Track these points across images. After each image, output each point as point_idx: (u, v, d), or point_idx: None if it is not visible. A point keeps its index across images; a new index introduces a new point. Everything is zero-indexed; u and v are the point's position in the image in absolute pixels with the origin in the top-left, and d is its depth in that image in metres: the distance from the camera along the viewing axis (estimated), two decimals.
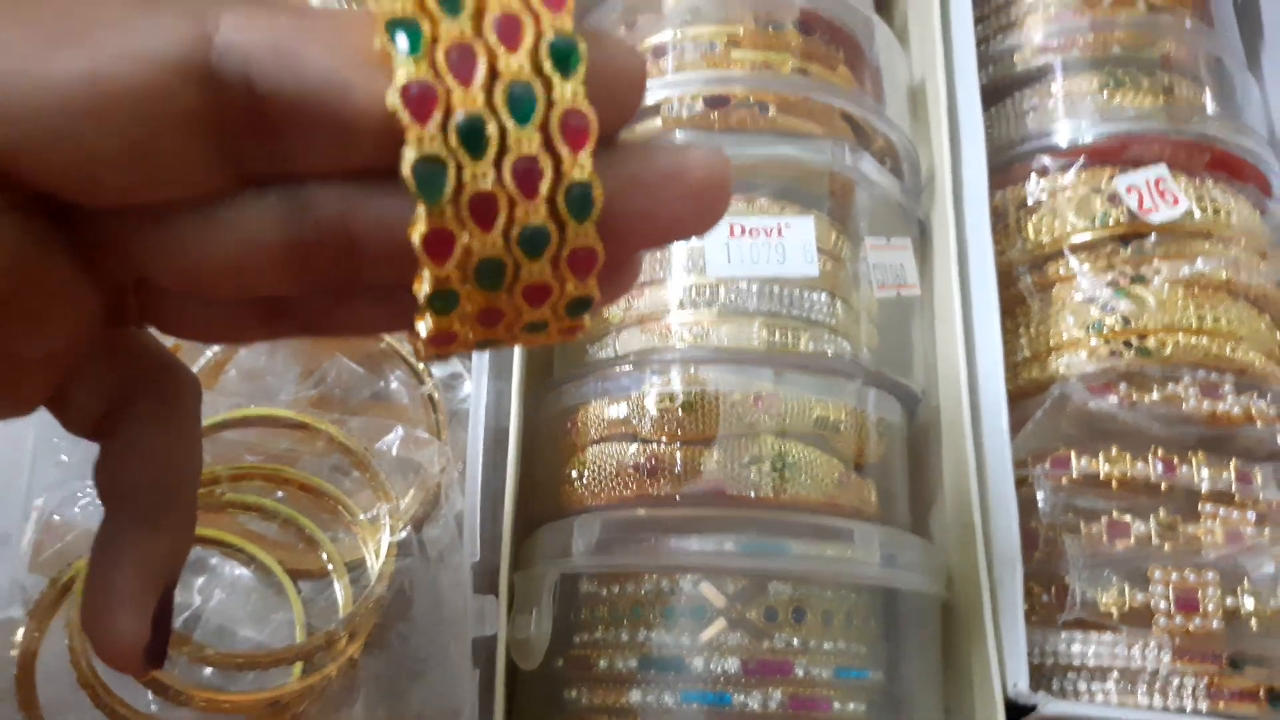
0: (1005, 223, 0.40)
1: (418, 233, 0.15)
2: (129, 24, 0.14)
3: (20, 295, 0.16)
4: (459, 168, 0.15)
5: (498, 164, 0.15)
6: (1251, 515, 0.35)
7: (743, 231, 0.34)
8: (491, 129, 0.15)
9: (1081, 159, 0.39)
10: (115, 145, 0.14)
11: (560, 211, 0.16)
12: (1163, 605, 0.33)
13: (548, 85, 0.16)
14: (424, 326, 0.17)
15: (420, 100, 0.15)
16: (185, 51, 0.14)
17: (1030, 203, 0.40)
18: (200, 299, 0.18)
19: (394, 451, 0.37)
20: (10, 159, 0.14)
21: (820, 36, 0.38)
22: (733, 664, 0.30)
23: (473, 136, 0.15)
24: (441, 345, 0.17)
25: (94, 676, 0.30)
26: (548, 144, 0.16)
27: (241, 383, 0.38)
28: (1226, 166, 0.40)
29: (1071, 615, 0.33)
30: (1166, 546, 0.34)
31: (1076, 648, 0.33)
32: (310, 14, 0.16)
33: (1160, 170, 0.38)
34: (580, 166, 0.16)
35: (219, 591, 0.36)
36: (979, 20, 0.45)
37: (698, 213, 0.17)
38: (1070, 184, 0.39)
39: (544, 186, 0.16)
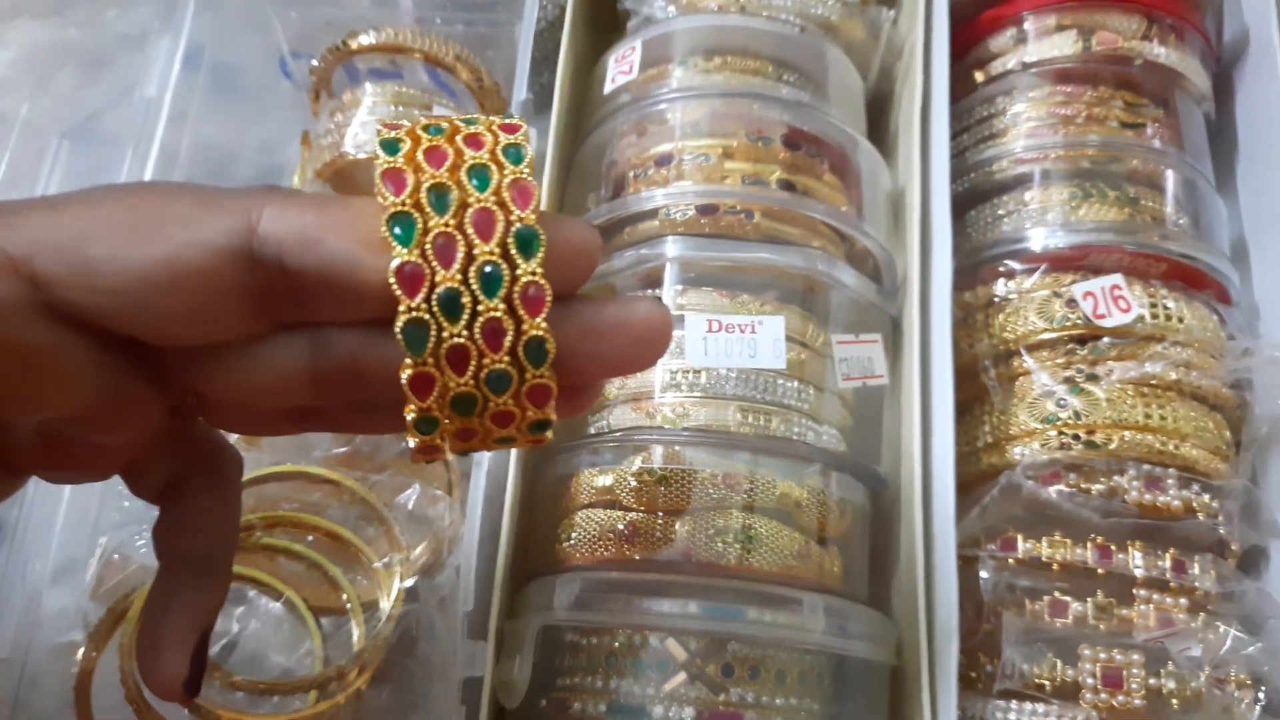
0: (974, 320, 0.44)
1: (405, 375, 0.20)
2: (193, 221, 0.20)
3: (107, 405, 0.21)
4: (439, 328, 0.20)
5: (469, 325, 0.20)
6: (1184, 602, 0.38)
7: (720, 327, 0.38)
8: (465, 300, 0.20)
9: (1045, 265, 0.43)
10: (181, 308, 0.20)
11: (520, 360, 0.21)
12: (1090, 681, 0.36)
13: (513, 265, 0.21)
14: (412, 441, 0.22)
15: (411, 279, 0.20)
16: (234, 241, 0.20)
17: (997, 302, 0.44)
18: (242, 407, 0.24)
19: (410, 506, 0.42)
20: (104, 318, 0.20)
21: (806, 150, 0.42)
22: (689, 713, 0.34)
23: (450, 305, 0.20)
24: (427, 454, 0.22)
25: (139, 694, 0.35)
26: (511, 310, 0.21)
27: (284, 437, 0.44)
28: (1183, 275, 0.43)
29: (1004, 685, 0.36)
30: (1101, 627, 0.37)
31: (1011, 716, 0.37)
32: (332, 205, 0.21)
33: (1116, 278, 0.42)
34: (537, 326, 0.21)
35: (254, 621, 0.41)
36: (963, 130, 0.49)
37: (639, 355, 0.23)
38: (1033, 287, 0.43)
39: (507, 341, 0.21)
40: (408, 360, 0.20)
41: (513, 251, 0.21)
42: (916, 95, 0.45)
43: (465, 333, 0.20)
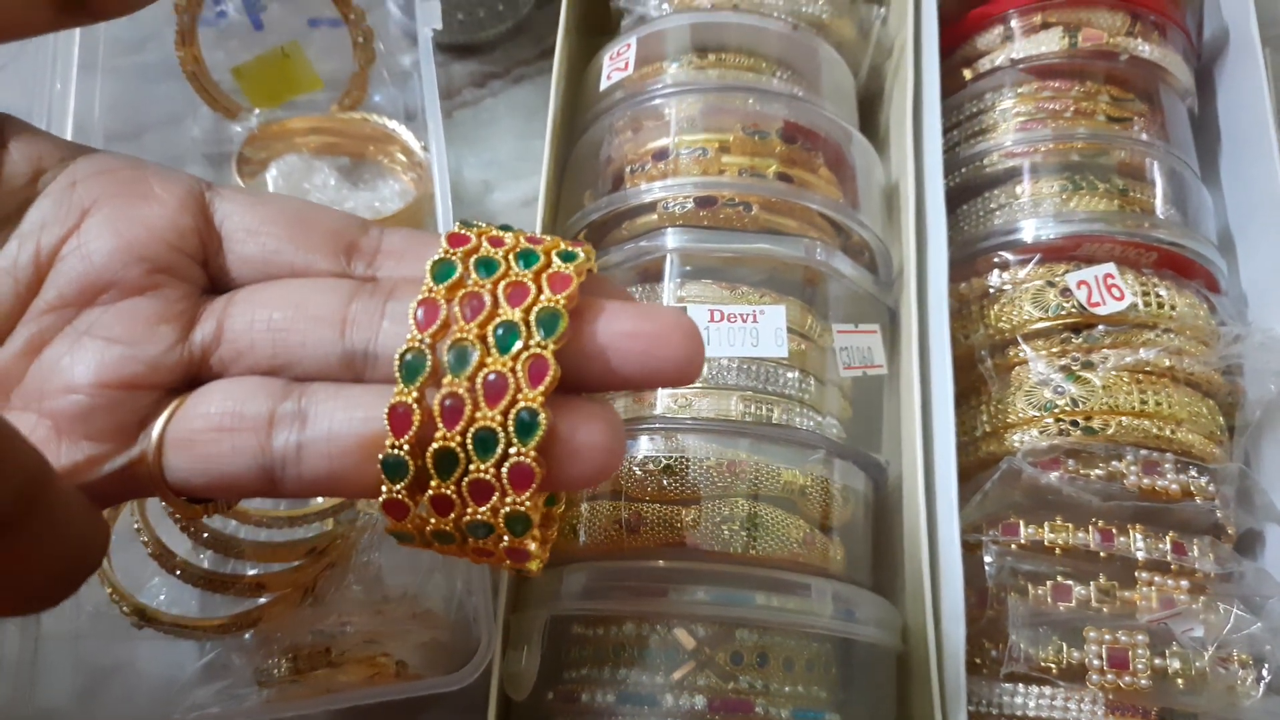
0: (969, 310, 0.44)
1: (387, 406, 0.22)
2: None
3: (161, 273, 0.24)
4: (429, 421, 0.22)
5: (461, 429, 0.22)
6: (1185, 584, 0.38)
7: (722, 317, 0.38)
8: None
9: (1038, 255, 0.44)
10: None
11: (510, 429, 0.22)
12: (1096, 663, 0.36)
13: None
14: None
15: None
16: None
17: (992, 293, 0.44)
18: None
19: None
20: None
21: (802, 144, 0.43)
22: (700, 701, 0.34)
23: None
24: (396, 514, 0.23)
25: (158, 543, 0.35)
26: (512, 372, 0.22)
27: None
28: (1173, 264, 0.44)
29: (1011, 669, 0.36)
30: (1105, 609, 0.37)
31: (1019, 699, 0.37)
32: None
33: (1109, 267, 0.42)
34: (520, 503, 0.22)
35: None
36: (954, 126, 0.50)
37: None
38: (1027, 277, 0.43)
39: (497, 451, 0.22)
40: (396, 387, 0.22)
41: (511, 430, 0.21)
42: (908, 91, 0.46)
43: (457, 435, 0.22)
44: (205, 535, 0.35)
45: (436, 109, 0.47)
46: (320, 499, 0.40)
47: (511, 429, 0.21)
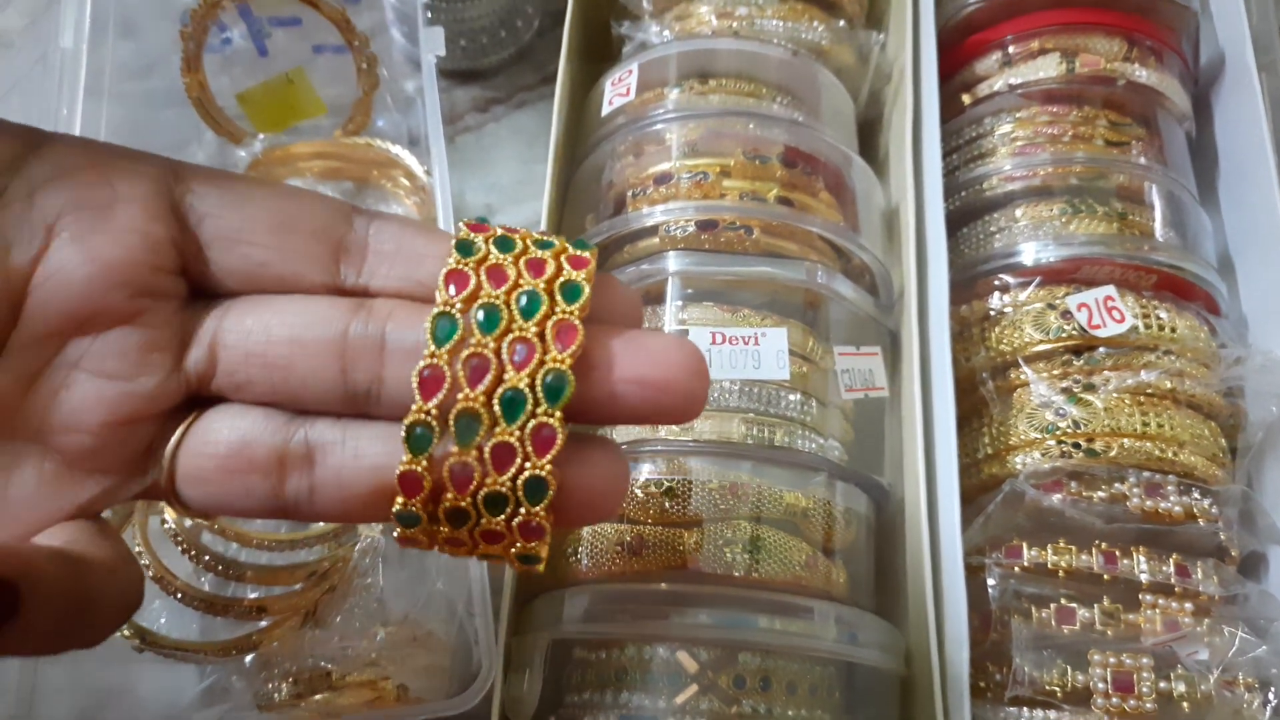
0: (970, 333, 0.44)
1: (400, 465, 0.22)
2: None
3: (140, 305, 0.23)
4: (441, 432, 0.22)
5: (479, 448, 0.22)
6: (1189, 606, 0.38)
7: (724, 339, 0.38)
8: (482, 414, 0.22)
9: (1039, 278, 0.44)
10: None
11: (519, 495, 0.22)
12: (1101, 686, 0.36)
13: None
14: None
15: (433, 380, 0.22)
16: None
17: (992, 315, 0.44)
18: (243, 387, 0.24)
19: None
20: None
21: (802, 168, 0.43)
22: None
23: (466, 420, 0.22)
24: (411, 544, 0.23)
25: (160, 565, 0.36)
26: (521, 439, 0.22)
27: None
28: (1173, 287, 0.44)
29: (1015, 692, 0.36)
30: (1109, 632, 0.37)
31: None
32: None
33: (1109, 290, 0.43)
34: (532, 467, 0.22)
35: None
36: (953, 150, 0.50)
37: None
38: (1027, 300, 0.43)
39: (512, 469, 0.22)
40: (405, 452, 0.22)
41: (521, 494, 0.22)
42: (907, 115, 0.46)
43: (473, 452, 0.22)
44: (206, 558, 0.35)
45: (439, 134, 0.47)
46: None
47: (521, 494, 0.21)
